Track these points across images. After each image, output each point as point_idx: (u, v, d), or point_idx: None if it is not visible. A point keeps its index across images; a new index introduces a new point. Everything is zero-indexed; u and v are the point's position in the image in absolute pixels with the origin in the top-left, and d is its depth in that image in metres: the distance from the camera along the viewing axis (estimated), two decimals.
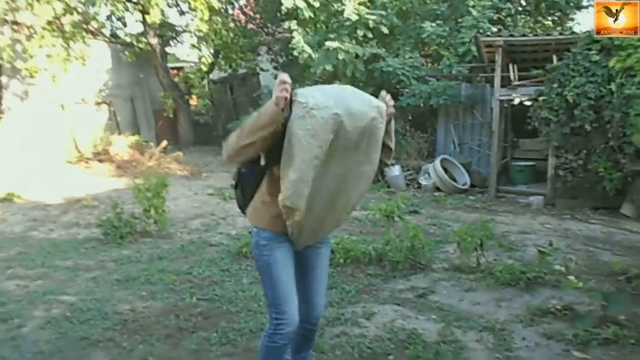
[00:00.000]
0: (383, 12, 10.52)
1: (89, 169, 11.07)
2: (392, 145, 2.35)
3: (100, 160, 11.39)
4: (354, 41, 10.56)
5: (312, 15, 10.73)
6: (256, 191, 2.35)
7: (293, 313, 2.30)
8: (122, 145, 11.64)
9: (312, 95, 2.02)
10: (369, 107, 2.09)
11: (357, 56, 10.29)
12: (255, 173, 2.31)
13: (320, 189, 2.11)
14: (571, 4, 11.91)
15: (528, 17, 12.94)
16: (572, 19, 14.02)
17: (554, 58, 8.43)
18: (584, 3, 12.66)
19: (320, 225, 2.30)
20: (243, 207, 2.46)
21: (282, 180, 2.09)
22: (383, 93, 2.23)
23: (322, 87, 2.17)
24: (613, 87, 7.08)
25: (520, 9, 12.95)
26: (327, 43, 10.19)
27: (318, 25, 11.30)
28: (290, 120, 2.03)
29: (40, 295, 4.21)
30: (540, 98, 7.92)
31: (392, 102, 2.22)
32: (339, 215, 2.33)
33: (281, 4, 11.00)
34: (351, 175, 2.17)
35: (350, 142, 2.06)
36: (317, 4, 10.64)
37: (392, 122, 2.28)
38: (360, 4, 10.62)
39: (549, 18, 13.14)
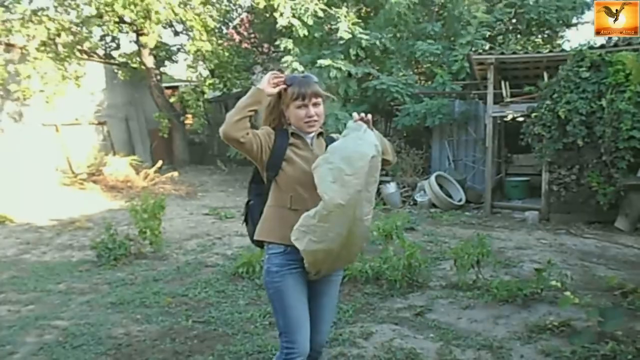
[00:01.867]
0: (378, 35, 10.60)
1: (83, 190, 11.02)
2: (391, 158, 2.40)
3: (94, 181, 11.35)
4: (346, 60, 10.65)
5: (306, 33, 10.83)
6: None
7: (304, 342, 2.25)
8: (116, 165, 11.61)
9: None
10: (368, 146, 2.11)
11: (349, 74, 10.37)
12: (264, 202, 2.32)
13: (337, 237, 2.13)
14: (560, 22, 12.12)
15: (519, 36, 13.14)
16: (562, 37, 14.26)
17: (545, 75, 8.55)
18: (573, 21, 12.89)
19: (336, 260, 2.27)
20: (255, 241, 2.42)
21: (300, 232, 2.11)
22: (355, 115, 2.23)
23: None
24: (604, 102, 7.18)
25: (511, 27, 13.15)
26: (319, 61, 10.28)
27: (313, 44, 11.37)
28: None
29: (32, 321, 4.15)
30: (533, 114, 8.01)
31: (362, 115, 2.23)
32: (353, 250, 2.31)
33: (276, 23, 11.11)
34: (362, 216, 2.16)
35: (358, 193, 2.08)
36: (311, 22, 10.73)
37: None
38: (354, 23, 10.74)
39: (539, 36, 13.35)
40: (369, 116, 2.21)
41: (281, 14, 10.71)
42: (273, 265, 2.25)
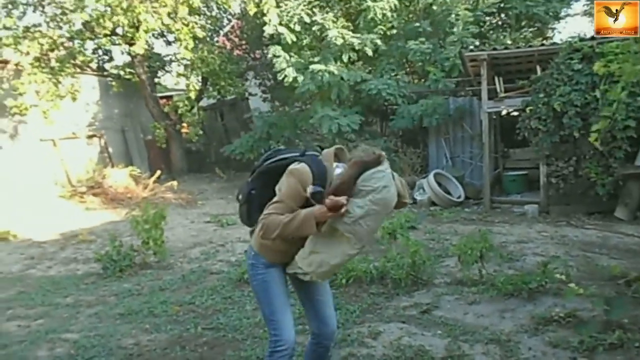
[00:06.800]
0: (368, 36, 10.65)
1: (83, 203, 11.01)
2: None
3: (94, 194, 11.33)
4: (339, 63, 10.68)
5: (294, 39, 10.90)
6: (256, 212, 2.38)
7: (290, 328, 2.37)
8: (115, 177, 11.61)
9: (359, 206, 2.12)
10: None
11: (342, 79, 10.39)
12: (263, 196, 2.36)
13: None
14: (549, 15, 12.19)
15: (509, 29, 13.22)
16: (552, 29, 14.35)
17: (538, 68, 8.61)
18: (562, 14, 13.00)
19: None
20: (244, 222, 2.56)
21: (313, 255, 2.23)
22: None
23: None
24: (597, 93, 7.23)
25: (500, 22, 13.23)
26: (312, 66, 10.31)
27: (303, 49, 11.44)
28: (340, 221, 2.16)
29: (42, 335, 4.18)
30: (528, 108, 8.06)
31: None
32: None
33: (264, 30, 11.18)
34: None
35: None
36: (298, 28, 10.81)
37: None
38: (343, 27, 10.79)
39: (530, 30, 13.43)
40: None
41: (269, 21, 10.75)
42: (259, 263, 2.41)
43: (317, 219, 2.12)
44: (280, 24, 10.84)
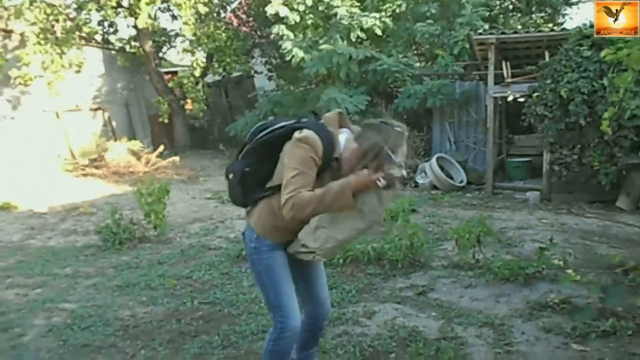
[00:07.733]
0: (377, 15, 10.53)
1: (85, 175, 11.05)
2: None
3: (96, 167, 11.37)
4: (346, 42, 10.58)
5: (297, 19, 10.77)
6: (253, 191, 2.29)
7: (297, 314, 2.32)
8: (118, 151, 11.62)
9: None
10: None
11: (350, 58, 10.31)
12: (259, 172, 2.26)
13: None
14: (561, 0, 11.98)
15: (519, 14, 13.01)
16: (563, 15, 14.11)
17: (546, 54, 8.49)
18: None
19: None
20: (238, 203, 2.40)
21: (320, 230, 2.14)
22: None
23: None
24: (605, 81, 7.13)
25: (511, 6, 13.01)
26: (321, 46, 10.20)
27: (308, 28, 11.31)
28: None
29: (40, 304, 4.22)
30: (534, 94, 7.97)
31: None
32: None
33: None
34: None
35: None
36: (302, 8, 10.67)
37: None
38: (352, 6, 10.65)
39: (540, 15, 13.21)
40: None
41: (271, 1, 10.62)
42: (263, 245, 2.28)
43: (355, 189, 1.99)
44: (284, 3, 10.71)
